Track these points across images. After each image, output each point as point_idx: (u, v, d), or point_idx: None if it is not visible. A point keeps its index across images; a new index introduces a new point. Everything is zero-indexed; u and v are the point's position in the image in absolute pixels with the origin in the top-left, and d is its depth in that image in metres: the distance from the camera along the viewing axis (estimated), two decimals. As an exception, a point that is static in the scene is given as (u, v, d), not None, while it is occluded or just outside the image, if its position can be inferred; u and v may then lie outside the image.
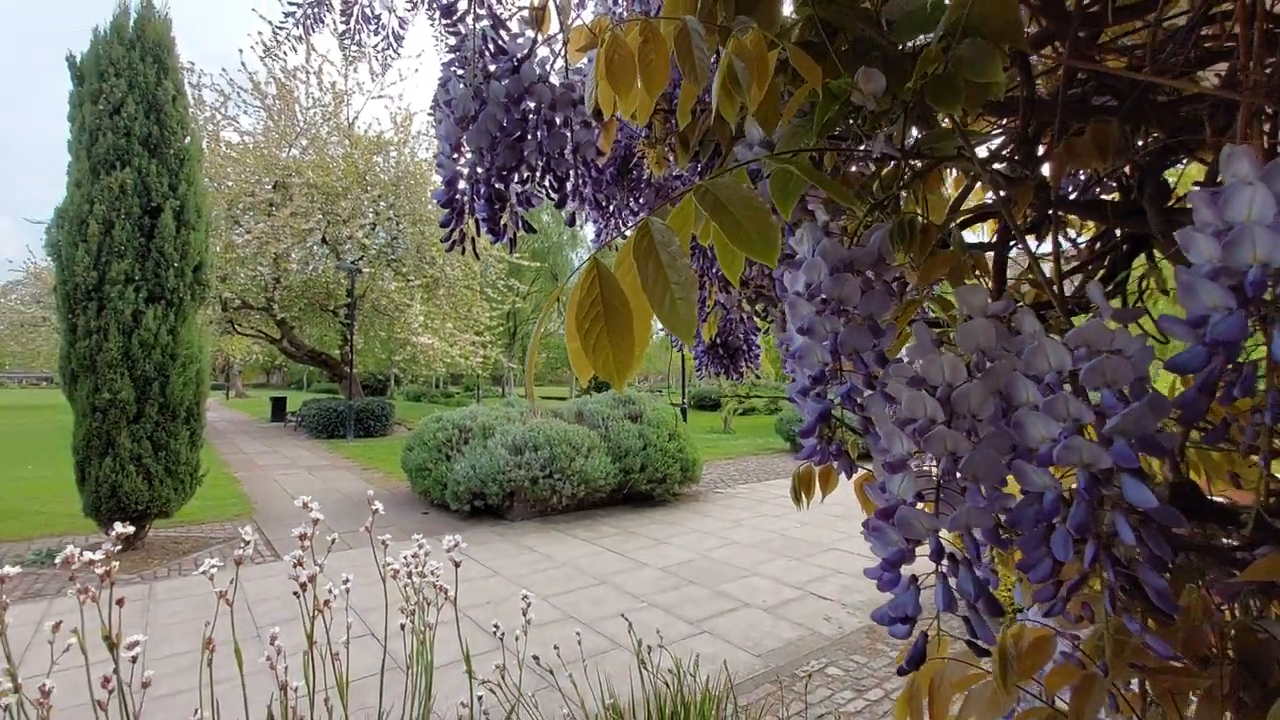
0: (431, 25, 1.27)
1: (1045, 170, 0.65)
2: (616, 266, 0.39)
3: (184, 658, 3.93)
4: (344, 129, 18.25)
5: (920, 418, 0.39)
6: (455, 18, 0.61)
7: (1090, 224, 0.71)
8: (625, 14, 0.70)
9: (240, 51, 17.96)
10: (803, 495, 0.57)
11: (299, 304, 19.51)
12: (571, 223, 0.82)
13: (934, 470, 0.42)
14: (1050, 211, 0.56)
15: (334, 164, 17.28)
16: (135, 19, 6.26)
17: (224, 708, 1.57)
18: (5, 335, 29.07)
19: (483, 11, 0.60)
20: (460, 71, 0.62)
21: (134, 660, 1.43)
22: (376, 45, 1.27)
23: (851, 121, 0.49)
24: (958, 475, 0.40)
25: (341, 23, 1.28)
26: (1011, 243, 0.58)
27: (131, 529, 1.49)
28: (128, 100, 5.98)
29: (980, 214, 0.66)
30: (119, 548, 1.43)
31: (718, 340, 1.27)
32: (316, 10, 1.27)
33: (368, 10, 1.26)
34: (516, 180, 0.67)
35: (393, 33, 1.25)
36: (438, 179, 0.64)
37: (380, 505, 1.83)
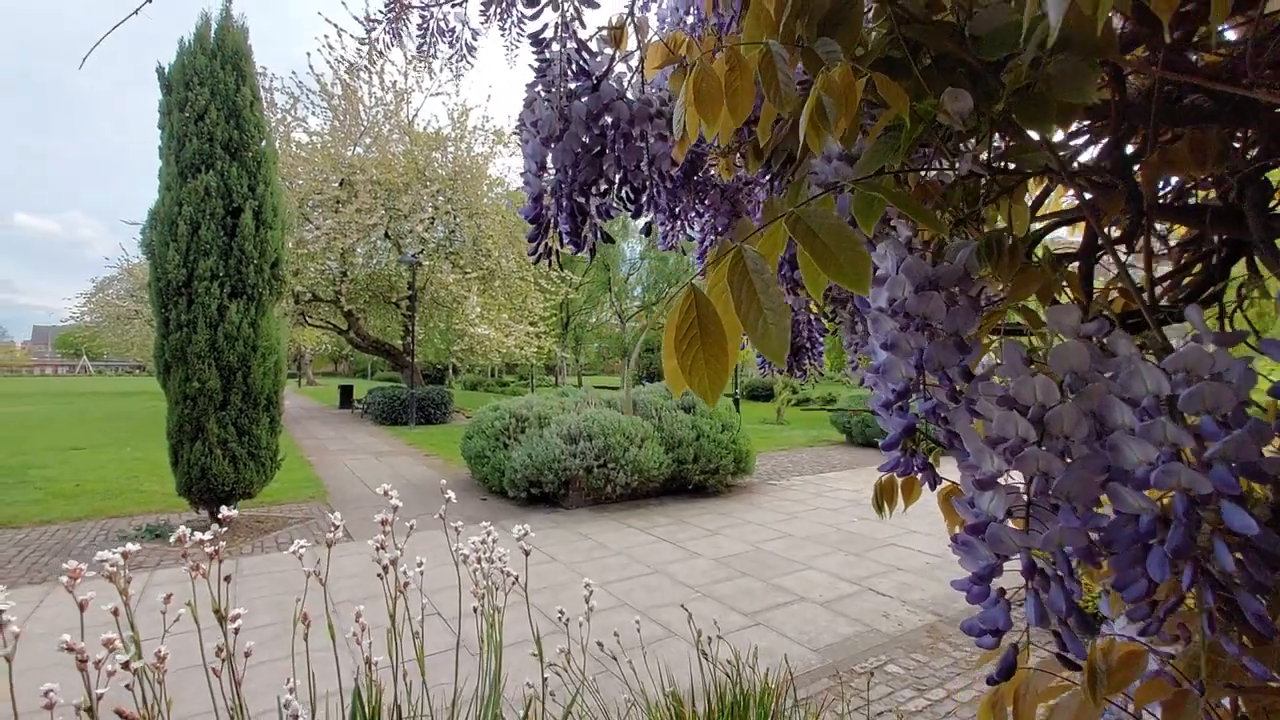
0: (503, 35, 1.32)
1: (1136, 172, 0.63)
2: (710, 289, 0.41)
3: (268, 629, 4.21)
4: (404, 126, 18.84)
5: (1012, 437, 0.40)
6: (542, 44, 0.64)
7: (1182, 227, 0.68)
8: (698, 27, 0.71)
9: (308, 55, 18.80)
10: (884, 504, 0.58)
11: (364, 296, 20.36)
12: (648, 232, 0.84)
13: (1021, 484, 0.42)
14: (1142, 220, 0.54)
15: (395, 160, 17.88)
16: (216, 29, 6.64)
17: (310, 677, 1.70)
18: (104, 327, 31.54)
19: (567, 36, 0.63)
20: (545, 94, 0.65)
21: (236, 631, 1.56)
22: (450, 57, 1.32)
23: (936, 137, 0.49)
24: (1049, 494, 0.40)
25: (418, 36, 1.34)
26: (1099, 252, 0.56)
27: (235, 513, 1.62)
28: (210, 107, 6.35)
29: (1065, 219, 0.65)
30: (224, 529, 1.56)
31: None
32: (394, 25, 1.33)
33: (442, 24, 1.32)
34: (595, 193, 0.70)
35: (465, 44, 1.30)
36: (524, 195, 0.67)
37: (452, 494, 1.92)
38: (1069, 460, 0.40)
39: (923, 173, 0.56)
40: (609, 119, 0.68)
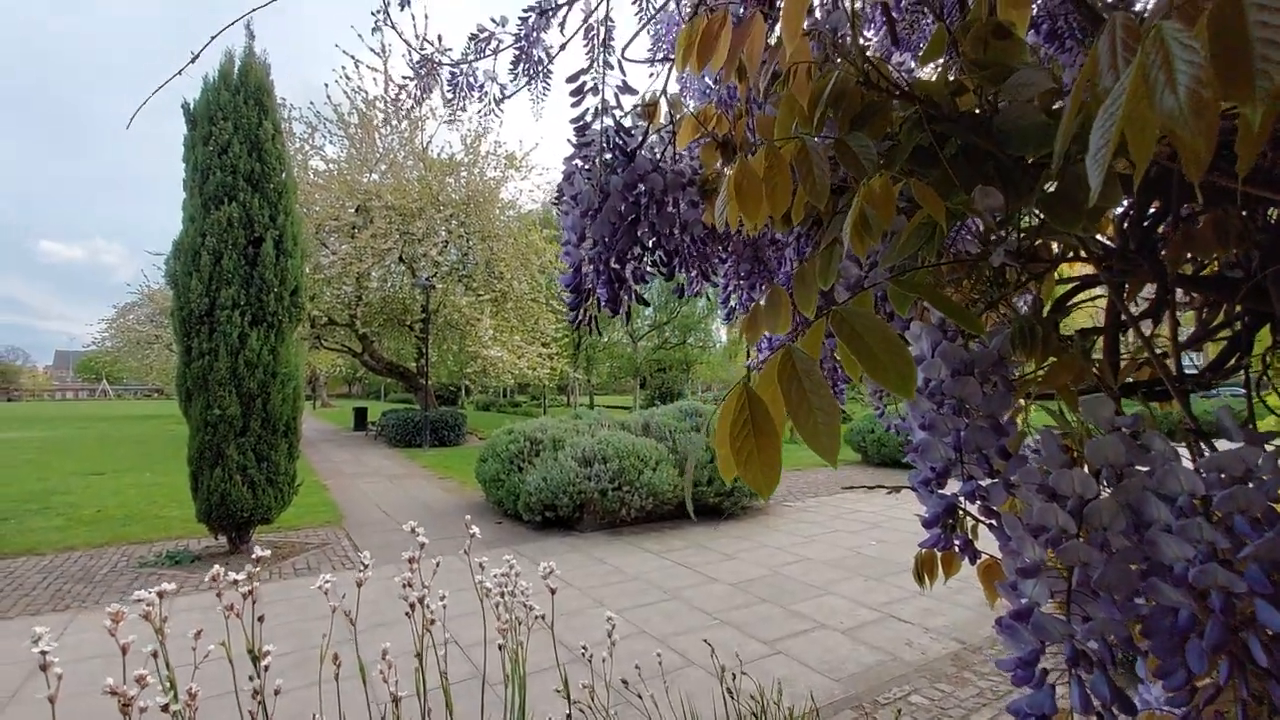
0: (530, 89, 1.37)
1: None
2: (760, 385, 0.43)
3: (288, 658, 4.22)
4: (419, 153, 19.22)
5: (1052, 528, 0.42)
6: (583, 128, 0.67)
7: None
8: (729, 104, 0.75)
9: (326, 86, 19.30)
10: (925, 577, 0.59)
11: (378, 319, 20.61)
12: (681, 294, 0.87)
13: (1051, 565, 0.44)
14: (1166, 295, 0.56)
15: (410, 186, 18.21)
16: (240, 66, 6.85)
17: (332, 708, 1.71)
18: (124, 352, 32.07)
19: (606, 116, 0.67)
20: (584, 167, 0.68)
21: (266, 669, 1.58)
22: (479, 111, 1.37)
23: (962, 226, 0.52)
24: (1091, 583, 0.42)
25: (448, 91, 1.39)
26: (1125, 326, 0.58)
27: (268, 553, 1.65)
28: (233, 141, 6.53)
29: (1085, 283, 0.66)
30: (257, 567, 1.58)
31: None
32: (425, 82, 1.39)
33: (471, 80, 1.37)
34: (630, 258, 0.73)
35: (494, 99, 1.35)
36: (564, 263, 0.70)
37: (477, 530, 1.94)
38: (1108, 552, 0.41)
39: (952, 249, 0.58)
40: (643, 188, 0.72)
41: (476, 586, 1.84)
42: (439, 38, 1.32)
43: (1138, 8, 0.86)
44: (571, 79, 0.65)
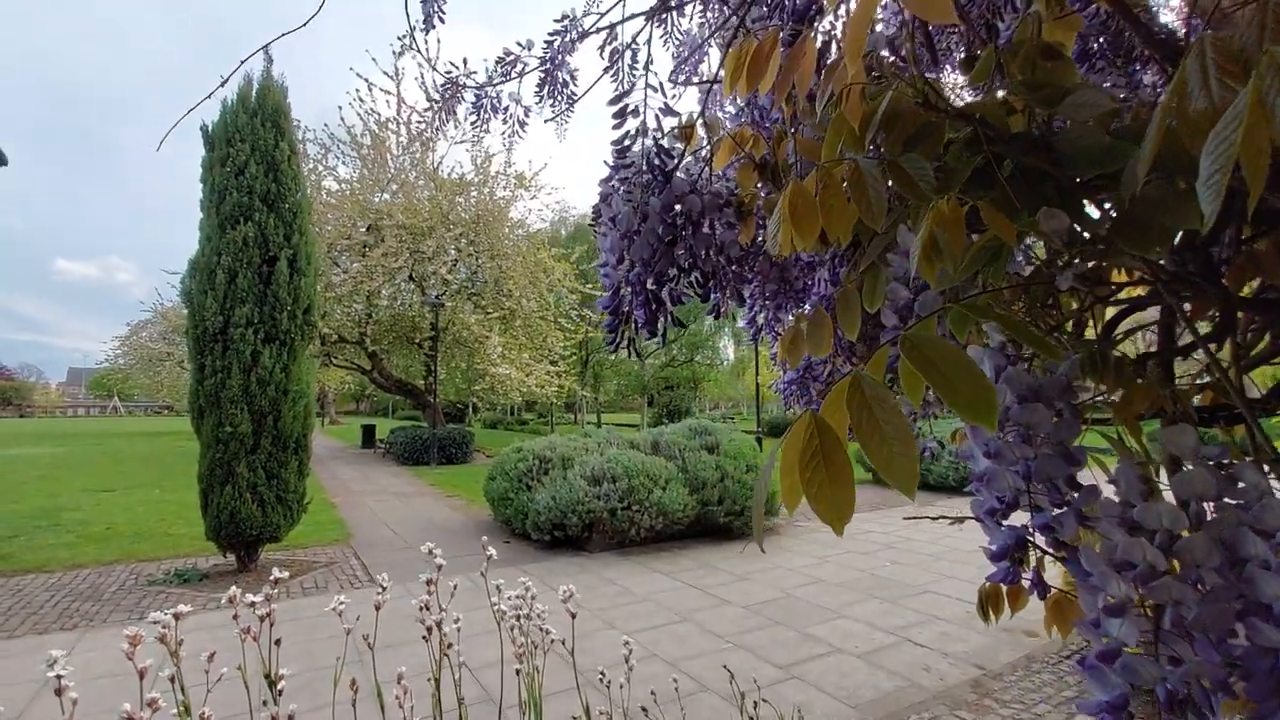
0: (553, 110, 1.37)
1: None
2: (828, 411, 0.41)
3: (298, 679, 4.16)
4: (430, 172, 19.47)
5: (1139, 563, 0.40)
6: (624, 150, 0.67)
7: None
8: (767, 126, 0.74)
9: (339, 108, 19.67)
10: (990, 612, 0.57)
11: (388, 337, 20.74)
12: (717, 315, 0.86)
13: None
14: (1230, 317, 0.55)
15: (420, 206, 18.42)
16: (257, 89, 6.98)
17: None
18: (136, 369, 32.36)
19: (648, 140, 0.66)
20: (623, 190, 0.68)
21: (280, 693, 1.56)
22: (503, 133, 1.38)
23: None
24: (1185, 622, 0.40)
25: (471, 113, 1.40)
26: (1190, 349, 0.57)
27: (286, 574, 1.63)
28: (250, 162, 6.64)
29: (1135, 308, 0.65)
30: (275, 589, 1.57)
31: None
32: (449, 104, 1.40)
33: (494, 103, 1.38)
34: (668, 279, 0.72)
35: (518, 121, 1.36)
36: (603, 285, 0.70)
37: (494, 551, 1.92)
38: (1201, 589, 0.39)
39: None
40: (680, 209, 0.71)
41: (493, 609, 1.81)
42: (464, 60, 1.34)
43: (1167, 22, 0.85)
44: (614, 100, 0.65)
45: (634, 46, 1.30)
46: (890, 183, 0.46)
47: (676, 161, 0.69)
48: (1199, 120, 0.30)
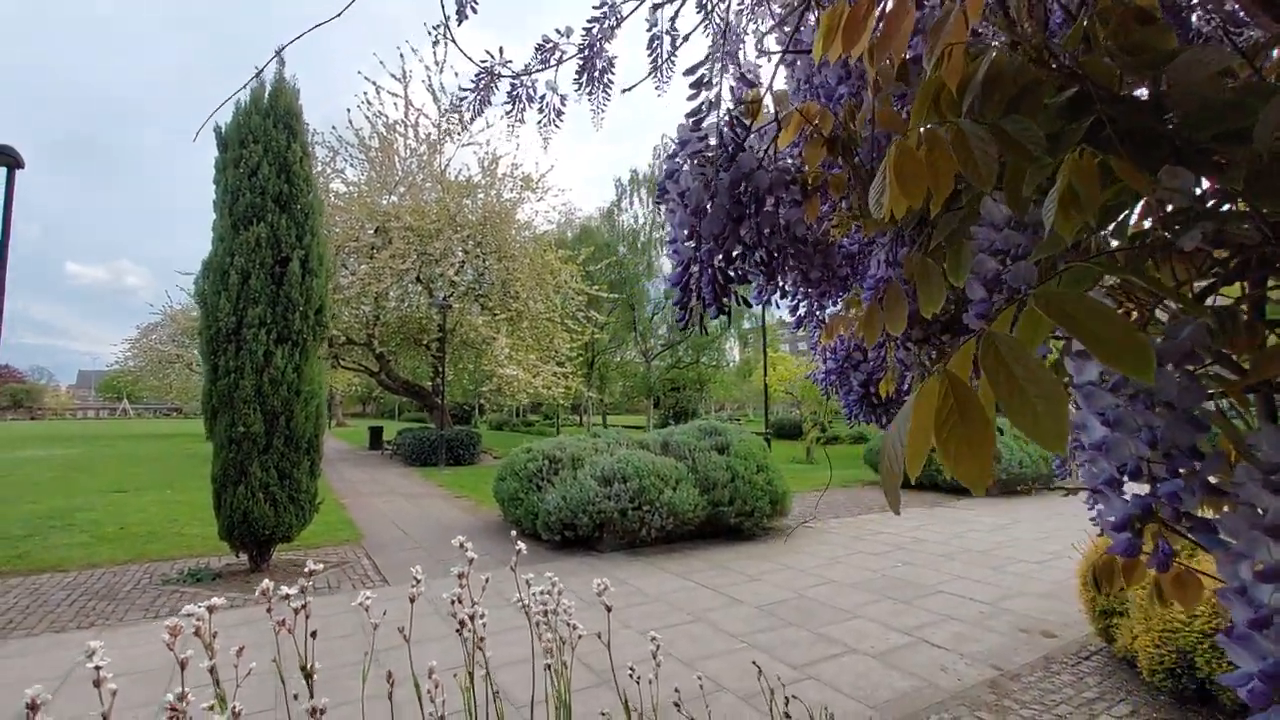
0: (591, 100, 1.37)
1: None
2: (956, 365, 0.40)
3: (318, 675, 4.16)
4: (437, 175, 19.54)
5: (1290, 527, 0.39)
6: (700, 121, 0.66)
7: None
8: (836, 102, 0.73)
9: (348, 111, 19.79)
10: (1105, 585, 0.55)
11: (396, 339, 20.80)
12: (785, 295, 0.85)
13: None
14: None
15: (428, 208, 18.48)
16: (270, 91, 7.01)
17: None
18: (146, 371, 32.53)
19: (721, 112, 0.65)
20: (692, 166, 0.67)
21: (312, 683, 1.55)
22: (539, 122, 1.37)
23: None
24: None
25: (505, 104, 1.39)
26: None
27: (320, 566, 1.62)
28: (263, 163, 6.66)
29: (1232, 277, 0.63)
30: (310, 582, 1.56)
31: (872, 391, 1.27)
32: (483, 94, 1.39)
33: (530, 92, 1.37)
34: (735, 258, 0.71)
35: (554, 109, 1.35)
36: (668, 264, 0.68)
37: (522, 546, 1.91)
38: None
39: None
40: (747, 187, 0.70)
41: (525, 605, 1.80)
42: (500, 50, 1.33)
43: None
44: (690, 71, 0.64)
45: (673, 32, 1.29)
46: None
47: (744, 136, 0.68)
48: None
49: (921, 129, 0.47)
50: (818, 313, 1.18)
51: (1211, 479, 0.44)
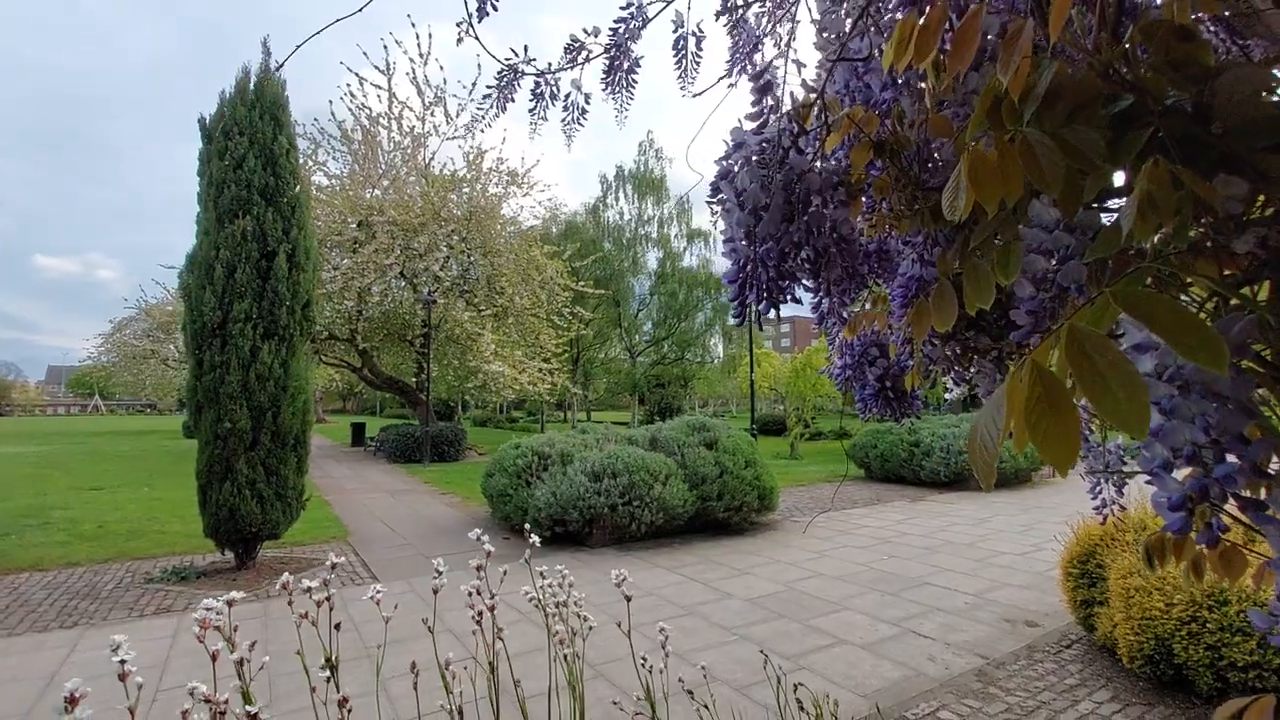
0: (615, 100, 1.39)
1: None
2: (1039, 356, 0.43)
3: (300, 676, 4.14)
4: (421, 168, 19.35)
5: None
6: (763, 120, 0.69)
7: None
8: (886, 102, 0.76)
9: (330, 102, 19.48)
10: (1155, 561, 0.60)
11: (379, 334, 20.58)
12: (828, 293, 0.88)
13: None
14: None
15: (412, 202, 18.30)
16: (255, 81, 6.90)
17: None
18: (120, 367, 31.82)
19: (779, 117, 0.68)
20: (748, 168, 0.69)
21: (333, 673, 1.56)
22: (564, 120, 1.39)
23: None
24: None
25: (529, 101, 1.41)
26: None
27: (342, 559, 1.63)
28: (248, 155, 6.56)
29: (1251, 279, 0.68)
30: (332, 575, 1.57)
31: (887, 385, 1.31)
32: (507, 91, 1.40)
33: (554, 90, 1.39)
34: (788, 256, 0.74)
35: (579, 109, 1.37)
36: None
37: (537, 539, 1.93)
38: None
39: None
40: (798, 188, 0.73)
41: (537, 595, 1.83)
42: (525, 48, 1.35)
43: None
44: (755, 77, 0.67)
45: (699, 34, 1.31)
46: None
47: (796, 138, 0.71)
48: None
49: (991, 135, 0.51)
50: (841, 310, 1.22)
51: (1258, 462, 0.48)
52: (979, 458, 0.48)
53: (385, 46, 18.02)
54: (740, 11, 1.26)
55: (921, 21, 0.55)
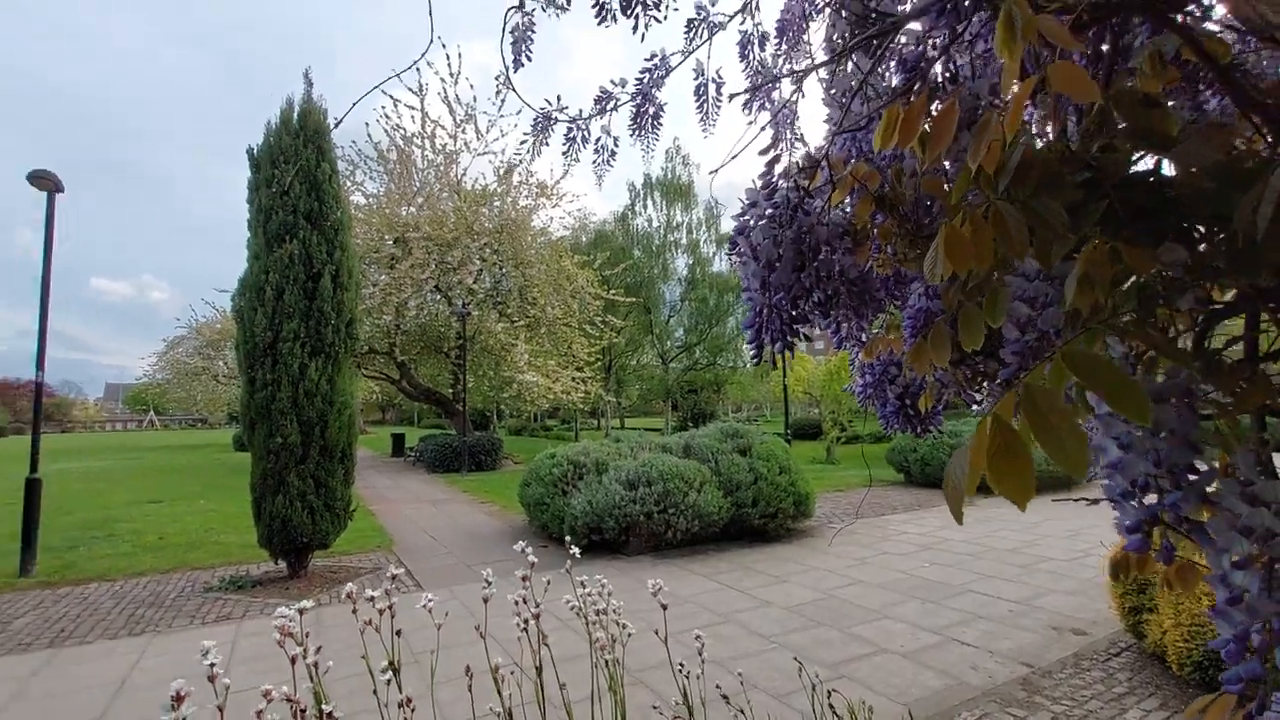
0: (643, 143, 1.49)
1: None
2: (1000, 412, 0.51)
3: (354, 680, 4.33)
4: (453, 184, 19.83)
5: (1258, 528, 0.49)
6: (773, 190, 0.78)
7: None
8: (886, 163, 0.84)
9: (366, 125, 20.10)
10: (1122, 574, 0.66)
11: (416, 347, 21.12)
12: (836, 331, 0.96)
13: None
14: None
15: (445, 217, 18.78)
16: (299, 112, 7.25)
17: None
18: (173, 384, 33.28)
19: (785, 179, 0.77)
20: (762, 224, 0.78)
21: (391, 682, 1.68)
22: (594, 161, 1.49)
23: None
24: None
25: (563, 144, 1.52)
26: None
27: (400, 570, 1.75)
28: (294, 182, 6.89)
29: (1224, 315, 0.73)
30: (392, 582, 1.69)
31: (907, 403, 1.37)
32: (543, 135, 1.52)
33: (584, 134, 1.50)
34: (801, 302, 0.82)
35: (610, 151, 1.47)
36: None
37: (576, 550, 2.03)
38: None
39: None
40: (808, 240, 0.81)
41: (579, 603, 1.93)
42: (558, 97, 1.46)
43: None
44: (763, 152, 0.76)
45: (718, 79, 1.41)
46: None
47: (802, 200, 0.80)
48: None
49: (966, 209, 0.58)
50: (859, 333, 1.29)
51: (1206, 490, 0.54)
52: (950, 495, 0.55)
53: (418, 69, 18.57)
54: (754, 50, 1.34)
55: (903, 116, 0.63)
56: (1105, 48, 0.74)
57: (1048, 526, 8.68)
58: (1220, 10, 0.84)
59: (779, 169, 0.77)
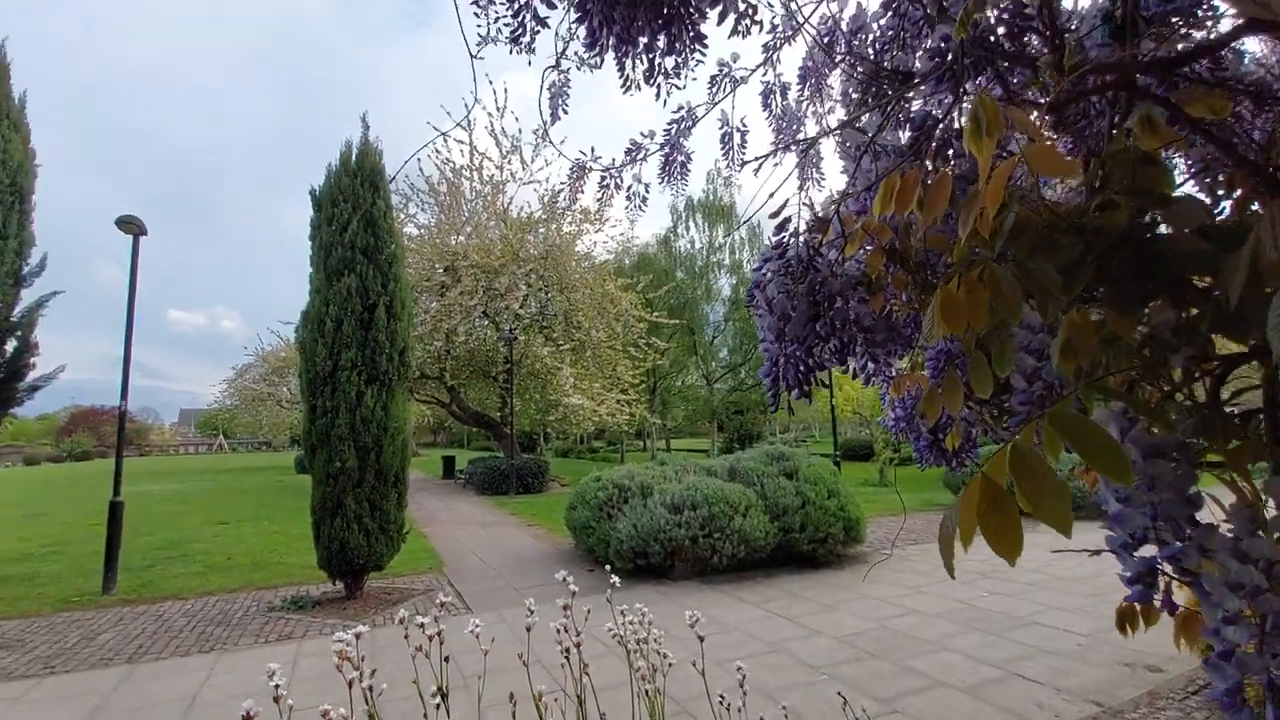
0: (671, 189, 1.56)
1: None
2: (991, 470, 0.54)
3: (406, 702, 4.44)
4: (500, 213, 20.47)
5: (1248, 584, 0.50)
6: (784, 250, 0.83)
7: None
8: (894, 218, 0.88)
9: (419, 160, 21.03)
10: (1128, 627, 0.67)
11: (465, 371, 21.69)
12: (855, 376, 1.00)
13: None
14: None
15: (492, 245, 19.37)
16: (357, 154, 7.69)
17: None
18: (240, 409, 35.10)
19: (800, 237, 0.82)
20: (776, 279, 0.83)
21: (440, 706, 1.75)
22: (626, 207, 1.57)
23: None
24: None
25: (597, 191, 1.61)
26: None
27: (449, 599, 1.83)
28: (352, 220, 7.29)
29: (1231, 367, 0.73)
30: (441, 610, 1.77)
31: (940, 436, 1.38)
32: (577, 184, 1.61)
33: (617, 181, 1.58)
34: (814, 350, 0.86)
35: (641, 198, 1.55)
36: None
37: (616, 579, 2.07)
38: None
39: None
40: (822, 291, 0.86)
41: (620, 631, 1.96)
42: (592, 149, 1.54)
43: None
44: (774, 214, 0.81)
45: (743, 128, 1.47)
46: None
47: (814, 256, 0.84)
48: (1272, 267, 0.42)
49: (960, 272, 0.62)
50: (886, 369, 1.31)
51: (1205, 544, 0.56)
52: (942, 547, 0.58)
53: (466, 105, 19.33)
54: (777, 98, 1.40)
55: (899, 186, 0.67)
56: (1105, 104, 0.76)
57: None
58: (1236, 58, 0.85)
59: (801, 219, 0.82)
